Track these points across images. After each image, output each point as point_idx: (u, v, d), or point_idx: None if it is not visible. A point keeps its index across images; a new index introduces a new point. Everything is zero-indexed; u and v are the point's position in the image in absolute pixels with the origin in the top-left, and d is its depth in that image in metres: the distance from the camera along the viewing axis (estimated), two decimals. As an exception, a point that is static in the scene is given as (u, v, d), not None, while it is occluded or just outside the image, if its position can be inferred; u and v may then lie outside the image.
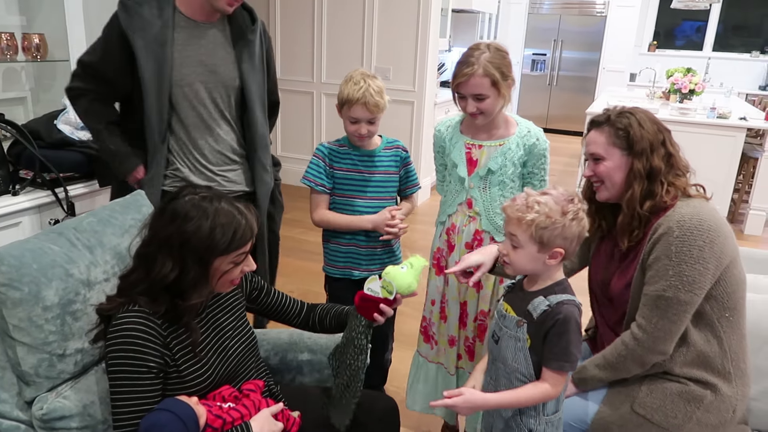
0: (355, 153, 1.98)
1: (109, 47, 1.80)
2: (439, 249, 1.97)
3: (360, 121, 1.88)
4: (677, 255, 1.42)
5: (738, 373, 1.51)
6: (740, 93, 7.59)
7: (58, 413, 1.25)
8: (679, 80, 5.38)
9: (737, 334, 1.51)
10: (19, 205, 1.94)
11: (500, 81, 1.71)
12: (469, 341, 1.96)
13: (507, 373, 1.38)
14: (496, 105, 1.74)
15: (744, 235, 4.64)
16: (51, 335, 1.27)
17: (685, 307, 1.44)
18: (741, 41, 8.43)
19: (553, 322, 1.29)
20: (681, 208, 1.47)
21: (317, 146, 2.01)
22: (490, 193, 1.84)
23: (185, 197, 1.27)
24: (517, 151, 1.81)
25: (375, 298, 1.41)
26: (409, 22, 4.73)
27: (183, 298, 1.25)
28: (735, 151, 4.52)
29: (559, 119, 8.94)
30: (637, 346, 1.48)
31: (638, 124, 1.53)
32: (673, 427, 1.48)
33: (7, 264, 1.23)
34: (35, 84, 2.62)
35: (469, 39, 7.09)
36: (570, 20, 8.63)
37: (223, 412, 1.28)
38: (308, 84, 5.21)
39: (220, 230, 1.23)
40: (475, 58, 1.70)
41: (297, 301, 1.63)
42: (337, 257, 2.06)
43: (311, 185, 1.98)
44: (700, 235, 1.42)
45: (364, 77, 1.87)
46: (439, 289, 1.98)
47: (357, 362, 1.44)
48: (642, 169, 1.51)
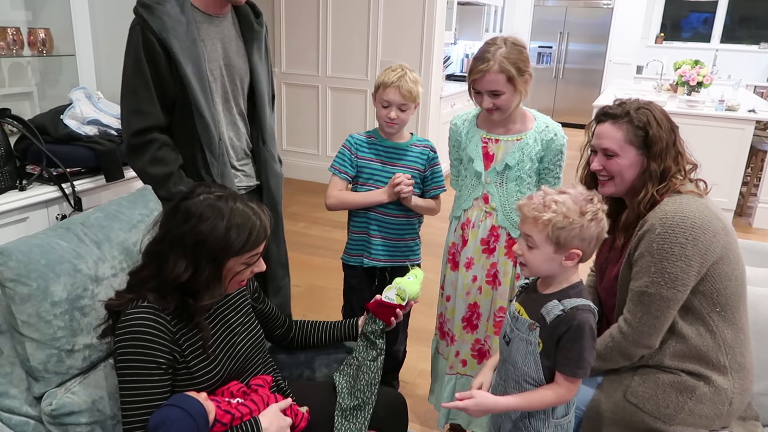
0: (381, 144, 2.01)
1: (141, 66, 1.68)
2: (453, 244, 1.95)
3: (391, 105, 1.92)
4: (659, 252, 1.43)
5: (735, 366, 1.50)
6: (748, 85, 7.51)
7: (67, 408, 1.25)
8: (686, 72, 5.34)
9: (732, 329, 1.50)
10: (26, 201, 1.94)
11: (516, 77, 1.68)
12: (480, 343, 1.91)
13: (516, 376, 1.37)
14: (512, 101, 1.72)
15: (753, 228, 4.61)
16: (59, 331, 1.28)
17: (668, 303, 1.44)
18: (749, 33, 8.34)
19: (567, 327, 1.27)
20: (666, 205, 1.47)
21: (348, 137, 2.07)
22: (506, 188, 1.81)
23: (199, 196, 1.25)
24: (535, 146, 1.78)
25: (392, 305, 1.60)
26: (414, 14, 4.71)
27: (195, 299, 1.25)
28: (743, 143, 4.49)
29: (566, 112, 8.87)
30: (623, 339, 1.49)
31: (657, 122, 1.50)
32: (665, 417, 1.49)
33: (15, 259, 1.23)
34: (41, 79, 2.62)
35: (475, 32, 7.05)
36: (576, 12, 8.56)
37: (231, 407, 1.28)
38: (313, 78, 5.19)
39: (236, 231, 1.23)
40: (491, 54, 1.67)
41: (281, 314, 1.67)
42: (351, 245, 2.10)
43: (335, 172, 2.03)
44: (682, 233, 1.41)
45: (403, 67, 1.93)
46: (453, 284, 1.96)
47: (374, 366, 1.58)
48: (657, 170, 1.50)
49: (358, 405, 1.51)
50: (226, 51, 1.85)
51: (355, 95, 5.11)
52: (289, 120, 5.46)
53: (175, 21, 1.68)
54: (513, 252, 1.79)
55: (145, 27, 1.67)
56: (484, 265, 1.85)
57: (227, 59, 1.85)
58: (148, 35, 1.67)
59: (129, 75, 1.72)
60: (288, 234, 2.34)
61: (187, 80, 1.70)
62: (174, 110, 1.77)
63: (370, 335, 1.62)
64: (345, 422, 1.49)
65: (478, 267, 1.86)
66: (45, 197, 1.99)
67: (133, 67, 1.70)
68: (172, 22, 1.68)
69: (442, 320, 2.03)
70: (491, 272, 1.85)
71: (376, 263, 2.06)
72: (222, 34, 1.84)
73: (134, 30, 1.70)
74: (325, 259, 3.77)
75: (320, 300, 3.27)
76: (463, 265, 1.88)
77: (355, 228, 2.07)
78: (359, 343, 1.64)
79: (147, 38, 1.67)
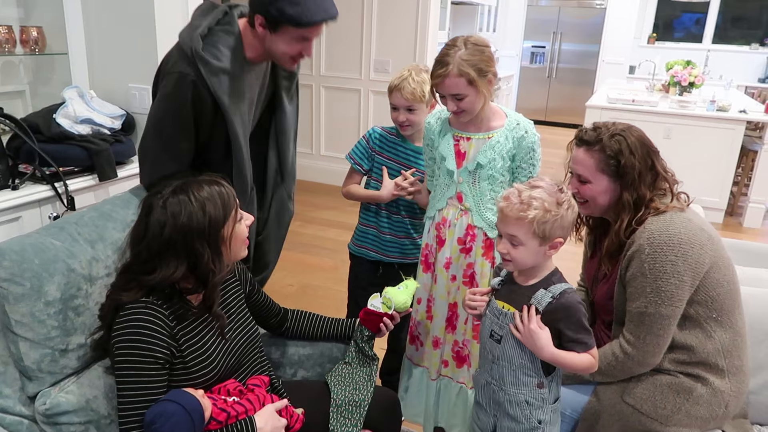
0: (401, 144, 2.05)
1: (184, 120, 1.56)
2: (427, 245, 1.91)
3: (398, 108, 1.95)
4: (651, 272, 1.45)
5: (732, 369, 1.52)
6: (739, 85, 7.56)
7: (61, 408, 1.25)
8: (678, 73, 5.37)
9: (729, 332, 1.52)
10: (18, 200, 1.93)
11: (477, 79, 1.62)
12: (459, 345, 1.89)
13: (513, 371, 1.39)
14: (477, 103, 1.68)
15: (743, 228, 4.65)
16: (53, 330, 1.27)
17: (668, 320, 1.47)
18: (740, 33, 8.40)
19: (565, 313, 1.32)
20: (650, 224, 1.48)
21: (370, 128, 2.11)
22: (479, 187, 1.78)
23: (158, 203, 1.26)
24: (506, 144, 1.75)
25: (377, 313, 1.63)
26: (408, 14, 4.71)
27: (206, 284, 1.28)
28: (734, 143, 4.52)
29: (559, 112, 8.92)
30: (627, 359, 1.51)
31: (629, 150, 1.49)
32: (662, 418, 1.50)
33: (8, 259, 1.23)
34: (33, 77, 2.60)
35: (469, 31, 7.06)
36: (569, 12, 8.60)
37: (227, 405, 1.28)
38: (307, 77, 5.18)
39: (210, 205, 1.27)
40: (450, 57, 1.62)
41: (276, 304, 1.70)
42: (359, 235, 2.15)
43: (351, 162, 2.11)
44: (671, 250, 1.43)
45: (411, 69, 1.94)
46: (426, 287, 1.91)
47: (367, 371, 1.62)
48: (630, 199, 1.51)
49: (353, 402, 1.52)
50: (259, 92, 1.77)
51: (349, 94, 5.11)
52: (282, 119, 5.44)
53: (231, 78, 1.57)
54: (490, 254, 1.80)
55: (199, 83, 1.52)
56: (461, 265, 1.83)
57: (257, 99, 1.76)
58: (202, 92, 1.53)
59: (162, 124, 1.58)
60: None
61: (234, 136, 1.62)
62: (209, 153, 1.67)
63: (359, 342, 1.66)
64: (340, 418, 1.50)
65: (456, 266, 1.84)
66: (38, 196, 1.98)
67: (176, 116, 1.56)
68: (228, 80, 1.56)
69: (412, 324, 1.99)
70: (468, 273, 1.83)
71: (383, 258, 2.10)
72: (258, 77, 1.73)
73: (184, 81, 1.52)
74: (319, 258, 3.78)
75: (314, 299, 3.28)
76: (443, 266, 1.85)
77: (364, 221, 2.13)
78: (350, 349, 1.67)
79: (199, 95, 1.54)
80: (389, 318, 1.65)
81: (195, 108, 1.56)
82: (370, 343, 1.66)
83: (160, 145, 1.60)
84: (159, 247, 1.24)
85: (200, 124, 1.59)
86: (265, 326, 1.68)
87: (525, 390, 1.40)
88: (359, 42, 4.93)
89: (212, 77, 1.53)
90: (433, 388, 1.95)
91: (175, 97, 1.55)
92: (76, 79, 2.46)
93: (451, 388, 1.93)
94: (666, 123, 4.65)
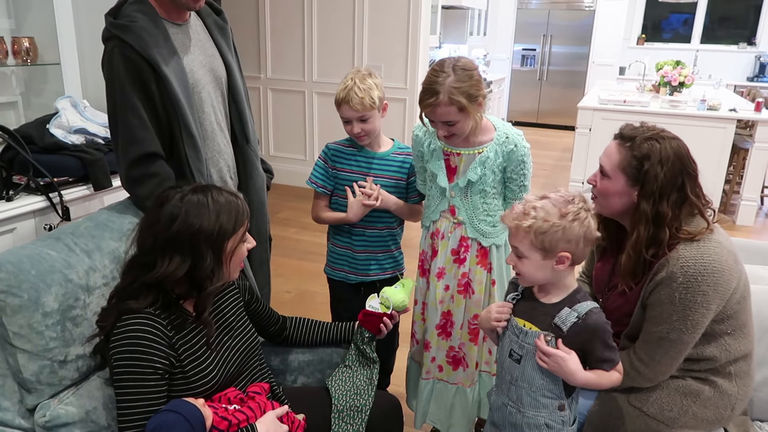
0: (360, 154, 1.96)
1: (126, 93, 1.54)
2: (423, 251, 1.93)
3: (351, 120, 1.87)
4: (681, 302, 1.38)
5: (740, 373, 1.50)
6: (729, 84, 7.64)
7: (61, 420, 1.24)
8: (668, 73, 5.41)
9: (743, 343, 1.50)
10: (13, 211, 1.92)
11: (467, 105, 1.61)
12: (455, 350, 1.90)
13: (532, 392, 1.35)
14: (467, 125, 1.67)
15: (736, 225, 4.68)
16: (52, 341, 1.26)
17: (687, 346, 1.44)
18: (728, 33, 8.48)
19: (593, 335, 1.29)
20: (684, 251, 1.39)
21: (324, 147, 2.02)
22: (471, 201, 1.79)
23: (175, 197, 1.27)
24: (496, 159, 1.74)
25: (376, 313, 1.64)
26: (399, 19, 4.73)
27: (200, 289, 1.27)
28: (726, 142, 4.56)
29: (550, 114, 8.97)
30: (637, 375, 1.48)
31: (659, 159, 1.40)
32: (669, 420, 1.49)
33: (5, 271, 1.22)
34: (26, 88, 2.60)
35: (459, 35, 7.10)
36: (559, 15, 8.65)
37: (228, 414, 1.28)
38: (299, 83, 5.19)
39: (224, 214, 1.28)
40: (439, 85, 1.60)
41: (275, 312, 1.69)
42: (334, 259, 2.07)
43: (313, 186, 2.01)
44: (704, 280, 1.36)
45: (354, 77, 1.84)
46: (421, 291, 1.95)
47: (368, 373, 1.61)
48: (648, 211, 1.41)
49: (354, 407, 1.51)
50: (204, 55, 1.74)
51: (342, 100, 5.10)
52: (275, 125, 5.45)
53: (151, 35, 1.56)
54: (486, 261, 1.81)
55: (123, 48, 1.52)
56: (455, 275, 1.84)
57: (208, 63, 1.75)
58: (130, 55, 1.52)
59: (115, 104, 1.57)
60: (279, 240, 2.34)
61: (176, 98, 1.58)
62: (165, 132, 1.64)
63: (359, 344, 1.65)
64: (342, 423, 1.49)
65: (450, 276, 1.85)
66: (32, 207, 1.97)
67: (118, 95, 1.55)
68: (151, 37, 1.55)
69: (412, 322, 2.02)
70: (462, 282, 1.84)
71: (363, 278, 2.03)
72: (195, 39, 1.73)
73: (112, 54, 1.54)
74: (316, 265, 3.75)
75: (311, 305, 3.26)
76: (435, 275, 1.86)
77: (338, 242, 2.05)
78: (351, 352, 1.66)
79: (129, 59, 1.53)
80: (389, 318, 1.64)
81: (131, 76, 1.54)
82: (372, 345, 1.65)
83: (120, 128, 1.57)
84: (165, 240, 1.24)
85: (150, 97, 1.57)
86: (265, 335, 1.67)
87: (545, 412, 1.35)
88: (351, 48, 4.94)
89: (133, 36, 1.53)
90: (423, 387, 1.97)
91: (109, 76, 1.57)
92: (69, 88, 2.45)
93: (447, 391, 1.94)
94: (658, 123, 4.64)
